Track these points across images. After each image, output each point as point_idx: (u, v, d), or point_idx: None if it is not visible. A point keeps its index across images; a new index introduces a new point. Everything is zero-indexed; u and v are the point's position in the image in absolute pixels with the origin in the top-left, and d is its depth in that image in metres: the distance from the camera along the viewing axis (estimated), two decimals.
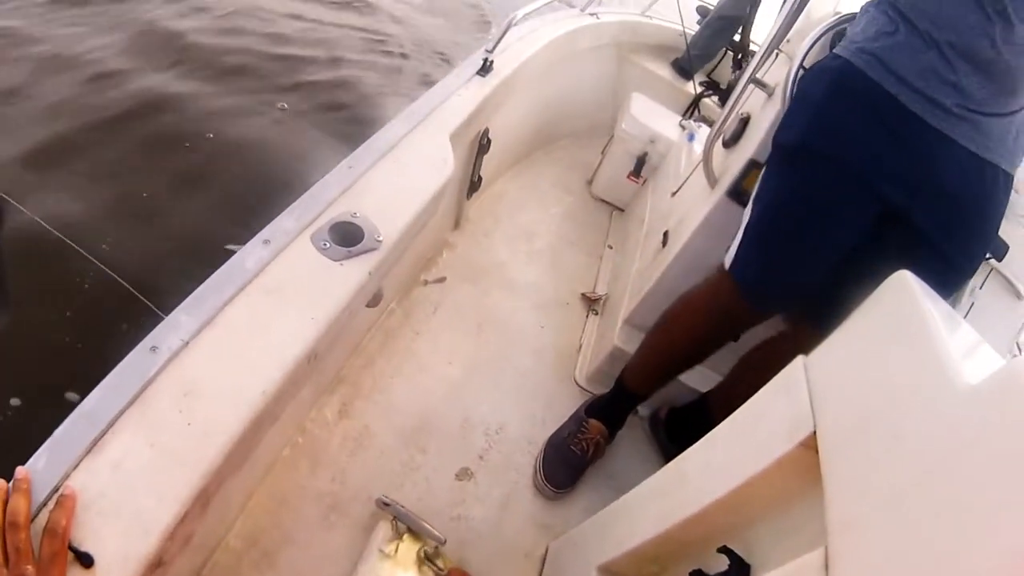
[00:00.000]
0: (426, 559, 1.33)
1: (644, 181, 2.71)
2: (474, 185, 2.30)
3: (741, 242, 1.38)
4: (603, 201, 2.85)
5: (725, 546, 1.02)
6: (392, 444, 1.68)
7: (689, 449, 1.18)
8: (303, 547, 1.39)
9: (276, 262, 1.17)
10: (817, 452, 0.87)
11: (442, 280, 2.17)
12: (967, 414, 0.68)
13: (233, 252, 1.17)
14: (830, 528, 0.76)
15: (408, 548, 1.35)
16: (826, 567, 0.73)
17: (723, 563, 1.00)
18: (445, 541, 1.40)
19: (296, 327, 1.07)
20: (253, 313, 1.08)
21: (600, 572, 1.22)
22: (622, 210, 2.82)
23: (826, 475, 0.82)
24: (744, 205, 1.44)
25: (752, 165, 1.52)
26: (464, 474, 1.69)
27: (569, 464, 1.76)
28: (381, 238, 1.27)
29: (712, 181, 1.68)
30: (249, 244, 1.19)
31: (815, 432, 0.89)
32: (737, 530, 1.05)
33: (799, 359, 1.04)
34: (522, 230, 2.53)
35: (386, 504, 1.43)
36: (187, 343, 1.00)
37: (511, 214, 2.58)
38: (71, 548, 0.78)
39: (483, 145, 2.17)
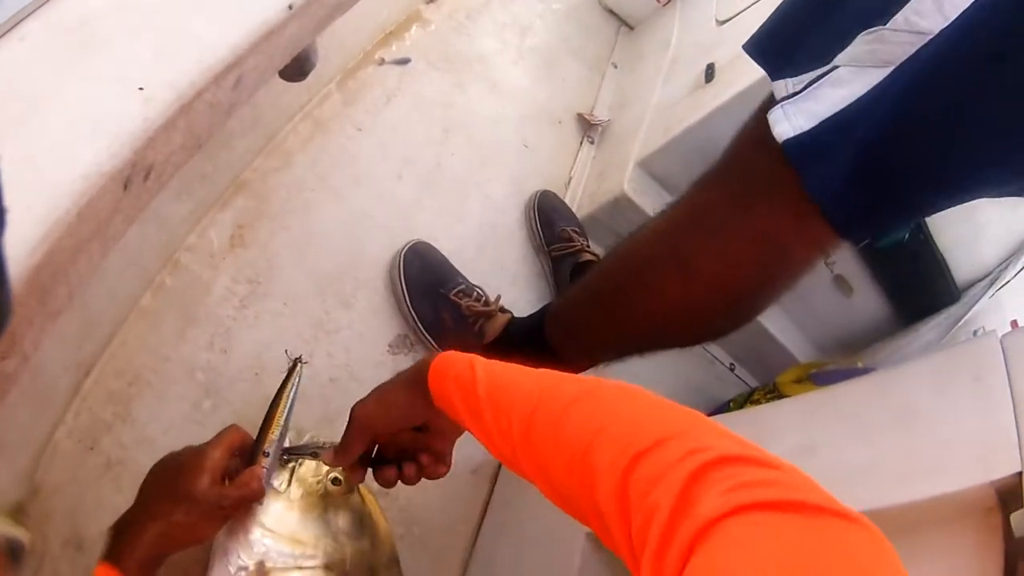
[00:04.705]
0: (336, 489, 0.88)
1: (668, 2, 2.10)
2: None
3: None
4: (611, 12, 2.20)
5: None
6: (303, 291, 1.19)
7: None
8: (163, 453, 0.90)
9: None
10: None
11: (405, 62, 1.56)
12: None
13: None
14: None
15: (311, 475, 0.90)
16: None
17: None
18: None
19: (106, 113, 0.52)
20: (20, 76, 0.53)
21: None
22: (631, 28, 2.20)
23: None
24: None
25: None
26: (401, 344, 1.24)
27: None
28: None
29: None
30: None
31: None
32: None
33: (992, 338, 0.67)
34: (516, 20, 1.89)
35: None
36: None
37: None
38: None
39: None
